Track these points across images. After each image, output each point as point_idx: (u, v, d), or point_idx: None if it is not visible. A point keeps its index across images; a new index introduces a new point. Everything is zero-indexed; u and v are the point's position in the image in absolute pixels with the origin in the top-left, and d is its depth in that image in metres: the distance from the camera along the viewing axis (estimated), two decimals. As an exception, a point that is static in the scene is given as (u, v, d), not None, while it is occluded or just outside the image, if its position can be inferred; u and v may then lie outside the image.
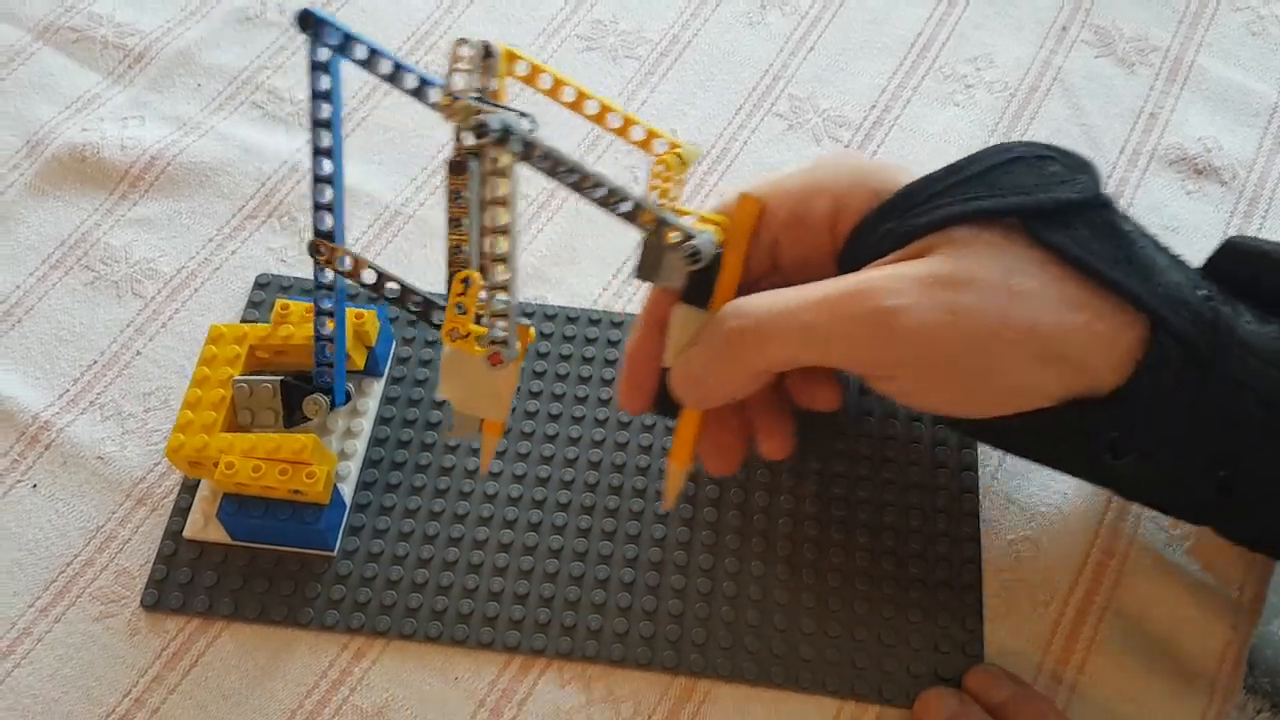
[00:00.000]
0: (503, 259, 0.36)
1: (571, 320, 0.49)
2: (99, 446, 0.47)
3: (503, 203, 0.35)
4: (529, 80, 0.37)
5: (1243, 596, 0.43)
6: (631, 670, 0.42)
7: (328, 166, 0.39)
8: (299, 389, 0.43)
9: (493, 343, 0.37)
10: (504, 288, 0.36)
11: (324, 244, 0.40)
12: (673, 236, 0.36)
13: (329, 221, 0.40)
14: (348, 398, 0.45)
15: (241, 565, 0.43)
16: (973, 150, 0.54)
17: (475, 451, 0.46)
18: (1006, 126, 0.56)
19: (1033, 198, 0.36)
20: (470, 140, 0.34)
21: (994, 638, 0.42)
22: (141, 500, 0.45)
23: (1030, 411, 0.36)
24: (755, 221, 0.38)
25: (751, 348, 0.36)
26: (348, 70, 0.58)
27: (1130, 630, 0.43)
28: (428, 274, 0.51)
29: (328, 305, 0.42)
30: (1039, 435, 0.38)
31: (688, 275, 0.37)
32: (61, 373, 0.49)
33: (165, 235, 0.53)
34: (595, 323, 0.49)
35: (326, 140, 0.39)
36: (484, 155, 0.34)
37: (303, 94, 0.57)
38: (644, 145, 0.38)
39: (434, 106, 0.36)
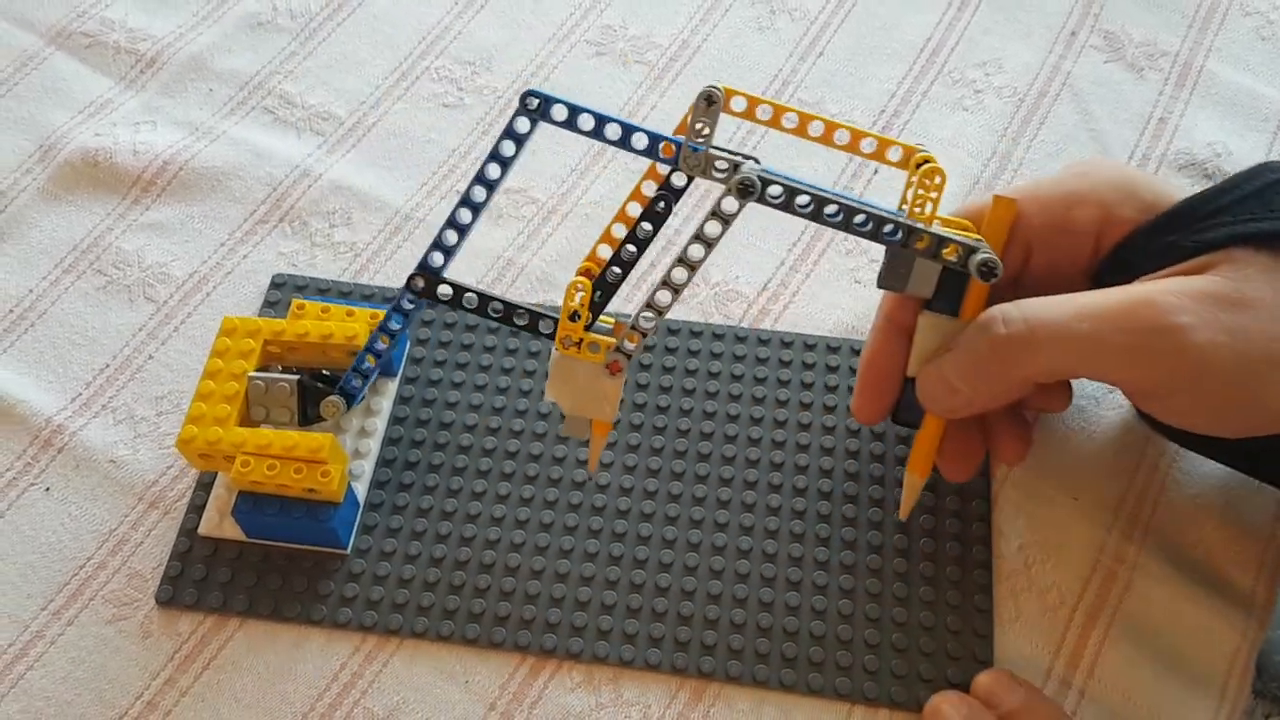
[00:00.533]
0: (677, 289, 0.37)
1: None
2: (112, 450, 0.47)
3: (709, 243, 0.36)
4: (747, 115, 0.37)
5: (1252, 601, 0.43)
6: (641, 672, 0.42)
7: (466, 217, 0.40)
8: (317, 390, 0.44)
9: (618, 350, 0.38)
10: (661, 312, 0.37)
11: (426, 278, 0.40)
12: (953, 254, 0.36)
13: (439, 260, 0.41)
14: (361, 399, 0.46)
15: (256, 562, 0.44)
16: (982, 155, 0.55)
17: (489, 452, 0.46)
18: (1016, 131, 0.56)
19: None
20: (729, 201, 0.36)
21: (1004, 642, 0.42)
22: (154, 504, 0.46)
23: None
24: (1010, 224, 0.38)
25: (1021, 356, 0.36)
26: (349, 76, 0.58)
27: (1140, 636, 0.43)
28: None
29: (395, 326, 0.43)
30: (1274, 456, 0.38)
31: (937, 283, 0.37)
32: (74, 376, 0.49)
33: (177, 240, 0.53)
34: (606, 326, 0.49)
35: (480, 196, 0.40)
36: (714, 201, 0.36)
37: (314, 99, 0.57)
38: (877, 157, 0.38)
39: (670, 161, 0.37)
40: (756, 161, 0.36)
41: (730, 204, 0.36)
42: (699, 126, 0.36)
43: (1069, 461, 0.46)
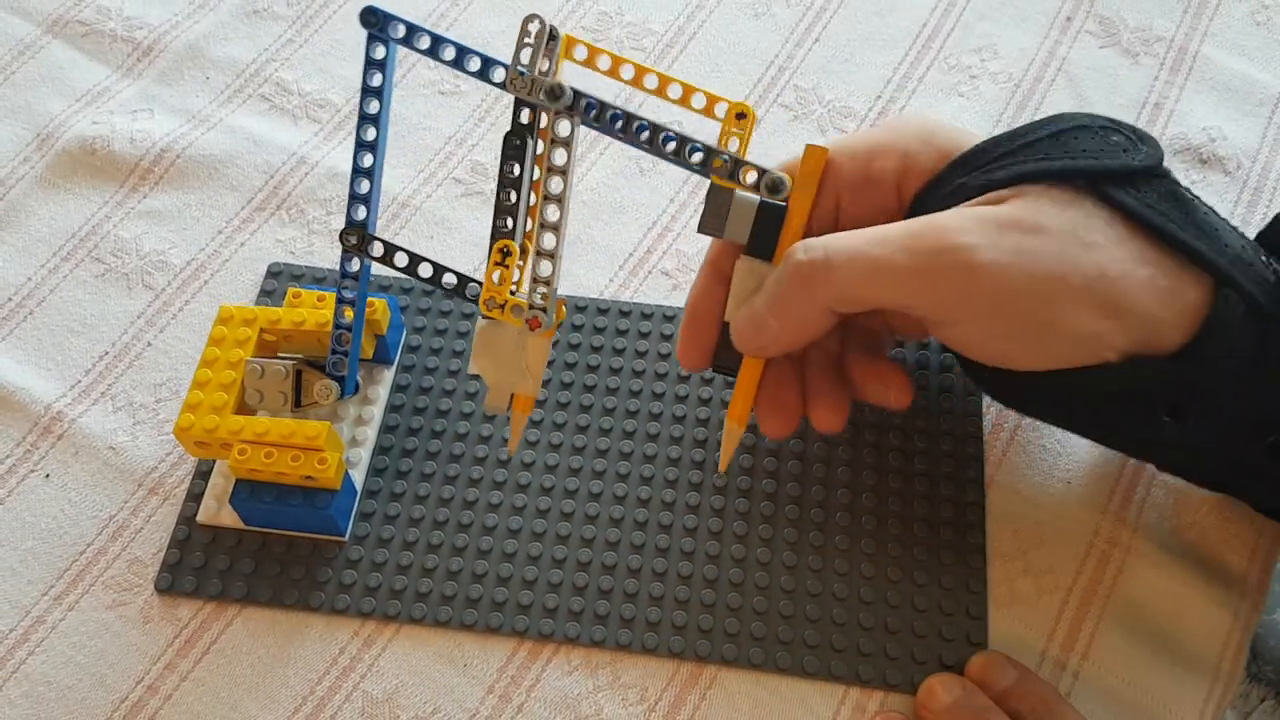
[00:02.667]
0: (554, 227, 0.37)
1: (580, 310, 0.50)
2: (111, 437, 0.47)
3: (561, 171, 0.36)
4: (588, 63, 0.38)
5: (1246, 584, 0.44)
6: (638, 656, 0.42)
7: (368, 160, 0.40)
8: (313, 375, 0.44)
9: (532, 307, 0.38)
10: (550, 255, 0.37)
11: (357, 232, 0.41)
12: (749, 176, 0.37)
13: (363, 212, 0.41)
14: (357, 388, 0.46)
15: (254, 550, 0.44)
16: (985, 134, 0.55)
17: (485, 439, 0.46)
18: (1011, 117, 0.56)
19: (1101, 162, 0.37)
20: (541, 107, 0.37)
21: (998, 625, 0.43)
22: (153, 490, 0.46)
23: (1092, 372, 0.36)
24: (821, 171, 0.39)
25: (820, 281, 0.37)
26: (345, 63, 0.58)
27: (1133, 617, 0.43)
28: (435, 265, 0.52)
29: (350, 295, 0.43)
30: (1096, 398, 0.38)
31: (752, 228, 0.38)
32: (73, 364, 0.49)
33: (175, 227, 0.53)
34: (604, 312, 0.50)
35: (371, 134, 0.40)
36: (546, 123, 0.36)
37: (310, 86, 0.58)
38: (707, 112, 0.38)
39: (501, 85, 0.37)
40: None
41: (564, 127, 0.36)
42: (525, 48, 0.36)
43: (1063, 444, 0.47)
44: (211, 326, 0.45)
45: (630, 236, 0.53)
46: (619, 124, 0.36)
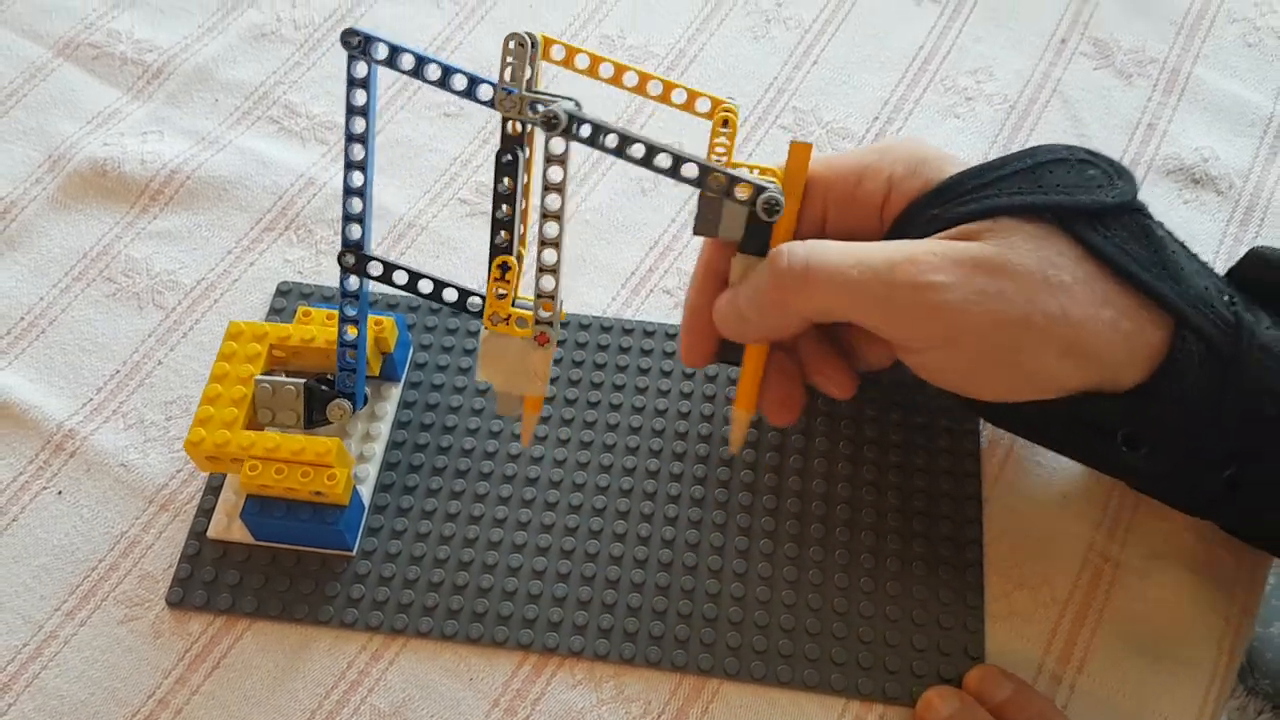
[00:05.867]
0: (554, 243, 0.38)
1: (584, 328, 0.50)
2: (122, 454, 0.48)
3: (558, 189, 0.37)
4: (566, 63, 0.39)
5: (1239, 598, 0.44)
6: (641, 669, 0.43)
7: (358, 179, 0.41)
8: (323, 394, 0.44)
9: (538, 322, 0.39)
10: (553, 270, 0.38)
11: (353, 253, 0.42)
12: (743, 192, 0.38)
13: (358, 232, 0.42)
14: (365, 400, 0.46)
15: (263, 564, 0.44)
16: (974, 161, 0.56)
17: (491, 455, 0.47)
18: (1006, 138, 0.57)
19: (1074, 198, 0.37)
20: (530, 128, 0.37)
21: (995, 638, 0.43)
22: (164, 506, 0.46)
23: (1047, 401, 0.38)
24: (807, 167, 0.40)
25: (796, 290, 0.38)
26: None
27: (1128, 631, 0.44)
28: (441, 284, 0.52)
29: (352, 313, 0.43)
30: (1055, 424, 0.40)
31: (745, 227, 0.39)
32: (85, 382, 0.50)
33: (185, 248, 0.54)
34: (607, 330, 0.50)
35: (359, 154, 0.41)
36: (535, 142, 0.37)
37: (318, 109, 0.58)
38: (687, 108, 0.40)
39: (488, 104, 0.38)
40: (577, 105, 0.37)
41: (557, 144, 0.37)
42: (508, 67, 0.37)
43: (1058, 460, 0.47)
44: (221, 342, 0.45)
45: (632, 255, 0.53)
46: (615, 147, 0.37)
